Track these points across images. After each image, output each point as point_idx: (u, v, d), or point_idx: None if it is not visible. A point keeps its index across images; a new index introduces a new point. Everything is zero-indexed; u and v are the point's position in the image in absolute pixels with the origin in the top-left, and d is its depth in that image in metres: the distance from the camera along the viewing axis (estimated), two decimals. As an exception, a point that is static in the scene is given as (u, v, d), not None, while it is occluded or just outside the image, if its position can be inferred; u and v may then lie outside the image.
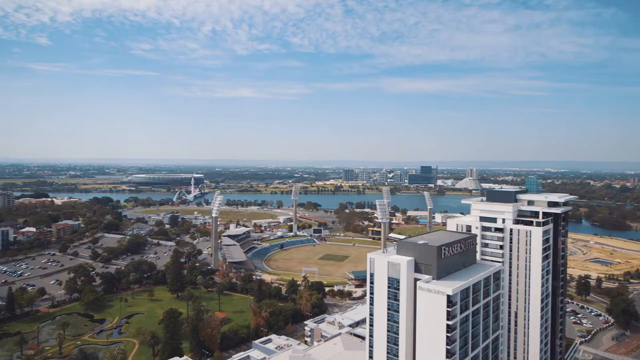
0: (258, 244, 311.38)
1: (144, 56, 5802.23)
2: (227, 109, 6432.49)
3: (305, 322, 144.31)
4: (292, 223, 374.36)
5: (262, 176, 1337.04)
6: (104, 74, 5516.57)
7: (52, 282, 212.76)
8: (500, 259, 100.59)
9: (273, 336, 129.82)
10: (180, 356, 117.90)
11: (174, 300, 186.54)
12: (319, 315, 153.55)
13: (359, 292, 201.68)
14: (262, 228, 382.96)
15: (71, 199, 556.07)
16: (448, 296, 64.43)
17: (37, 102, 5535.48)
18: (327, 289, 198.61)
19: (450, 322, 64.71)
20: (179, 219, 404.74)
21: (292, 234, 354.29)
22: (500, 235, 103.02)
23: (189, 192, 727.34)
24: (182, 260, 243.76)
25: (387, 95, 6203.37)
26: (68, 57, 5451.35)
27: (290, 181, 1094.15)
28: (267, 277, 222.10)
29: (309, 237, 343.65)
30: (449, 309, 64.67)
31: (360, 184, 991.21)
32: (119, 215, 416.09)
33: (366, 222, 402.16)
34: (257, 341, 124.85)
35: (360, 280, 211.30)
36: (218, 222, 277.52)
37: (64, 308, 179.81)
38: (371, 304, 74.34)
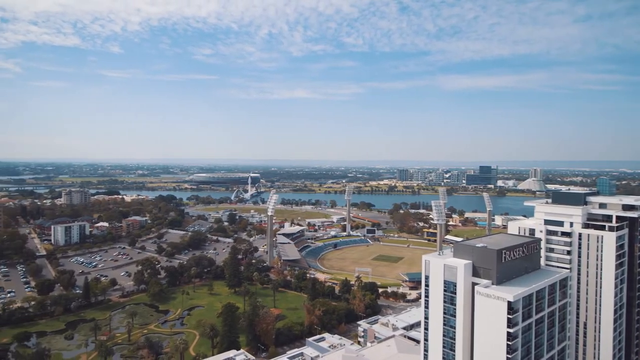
0: (312, 243, 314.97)
1: (204, 61, 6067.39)
2: (283, 110, 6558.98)
3: (359, 322, 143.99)
4: (345, 223, 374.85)
5: (316, 176, 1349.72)
6: (169, 78, 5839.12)
7: (122, 274, 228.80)
8: (567, 265, 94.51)
9: (326, 335, 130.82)
10: (238, 349, 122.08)
11: (231, 295, 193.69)
12: (372, 316, 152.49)
13: (413, 294, 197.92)
14: (316, 227, 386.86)
15: (139, 197, 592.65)
16: (509, 302, 61.69)
17: (110, 106, 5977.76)
18: (380, 290, 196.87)
19: (511, 330, 61.92)
20: (237, 217, 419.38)
21: (345, 233, 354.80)
22: (568, 240, 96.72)
23: (246, 191, 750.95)
24: (239, 256, 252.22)
25: (443, 93, 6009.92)
26: (137, 63, 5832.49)
27: (343, 181, 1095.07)
28: (320, 276, 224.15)
29: (363, 237, 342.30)
30: (509, 316, 61.90)
31: (415, 184, 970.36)
32: (182, 213, 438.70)
33: (421, 224, 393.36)
34: (310, 339, 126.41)
35: (415, 282, 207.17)
36: (273, 221, 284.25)
37: (132, 298, 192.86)
38: (426, 307, 72.90)
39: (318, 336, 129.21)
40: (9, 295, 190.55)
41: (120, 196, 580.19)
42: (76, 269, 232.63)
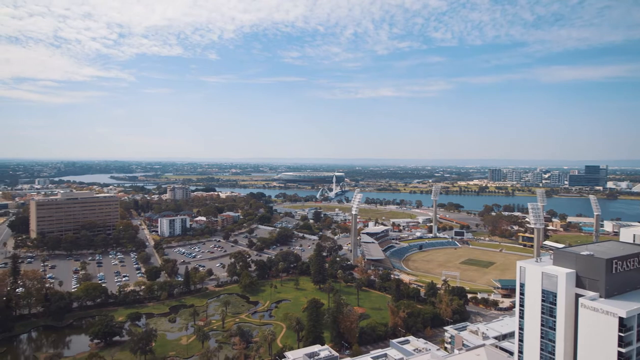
0: (396, 243, 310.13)
1: (292, 63, 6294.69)
2: (367, 109, 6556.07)
3: (445, 328, 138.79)
4: (431, 224, 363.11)
5: (400, 175, 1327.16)
6: (260, 82, 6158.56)
7: (217, 265, 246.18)
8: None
9: (411, 338, 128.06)
10: (322, 344, 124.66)
11: (316, 291, 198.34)
12: (460, 323, 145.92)
13: (506, 302, 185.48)
14: (401, 227, 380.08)
15: (232, 194, 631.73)
16: (621, 319, 55.27)
17: (208, 109, 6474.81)
18: (469, 295, 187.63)
19: (623, 350, 55.44)
20: (322, 215, 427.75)
21: (431, 235, 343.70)
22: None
23: (330, 190, 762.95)
24: (324, 254, 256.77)
25: (542, 86, 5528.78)
26: (231, 69, 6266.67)
27: (430, 180, 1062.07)
28: (405, 277, 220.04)
29: (450, 240, 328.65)
30: (621, 334, 55.44)
31: (509, 185, 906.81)
32: (270, 209, 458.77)
33: (515, 227, 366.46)
34: (394, 340, 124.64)
35: (508, 289, 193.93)
36: (357, 220, 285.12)
37: (226, 288, 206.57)
38: (521, 317, 68.20)
39: (402, 338, 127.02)
40: (124, 279, 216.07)
41: (216, 193, 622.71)
42: (178, 258, 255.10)
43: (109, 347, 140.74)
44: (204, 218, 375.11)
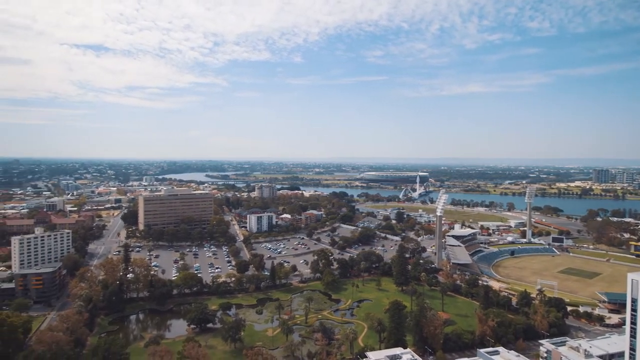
0: (485, 248, 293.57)
1: (375, 62, 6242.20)
2: (454, 107, 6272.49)
3: (541, 342, 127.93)
4: (525, 228, 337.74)
5: (490, 175, 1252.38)
6: (343, 82, 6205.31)
7: (301, 262, 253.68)
8: None
9: (500, 349, 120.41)
10: (404, 347, 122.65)
11: (398, 293, 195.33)
12: (558, 337, 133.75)
13: (614, 318, 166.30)
14: (490, 231, 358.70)
15: (316, 192, 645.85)
16: None
17: (293, 111, 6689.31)
18: (569, 308, 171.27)
19: None
20: (405, 216, 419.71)
21: (525, 240, 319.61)
22: None
23: (414, 190, 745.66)
24: (407, 255, 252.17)
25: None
26: (315, 70, 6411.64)
27: (523, 182, 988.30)
28: (494, 284, 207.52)
29: (547, 246, 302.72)
30: None
31: (618, 188, 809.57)
32: (353, 209, 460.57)
33: (627, 235, 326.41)
34: (482, 350, 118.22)
35: (617, 304, 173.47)
36: (442, 222, 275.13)
37: (309, 285, 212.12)
38: (632, 336, 61.09)
39: (491, 349, 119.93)
40: (216, 270, 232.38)
41: (300, 191, 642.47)
42: (264, 253, 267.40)
43: (204, 333, 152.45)
44: (288, 215, 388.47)
